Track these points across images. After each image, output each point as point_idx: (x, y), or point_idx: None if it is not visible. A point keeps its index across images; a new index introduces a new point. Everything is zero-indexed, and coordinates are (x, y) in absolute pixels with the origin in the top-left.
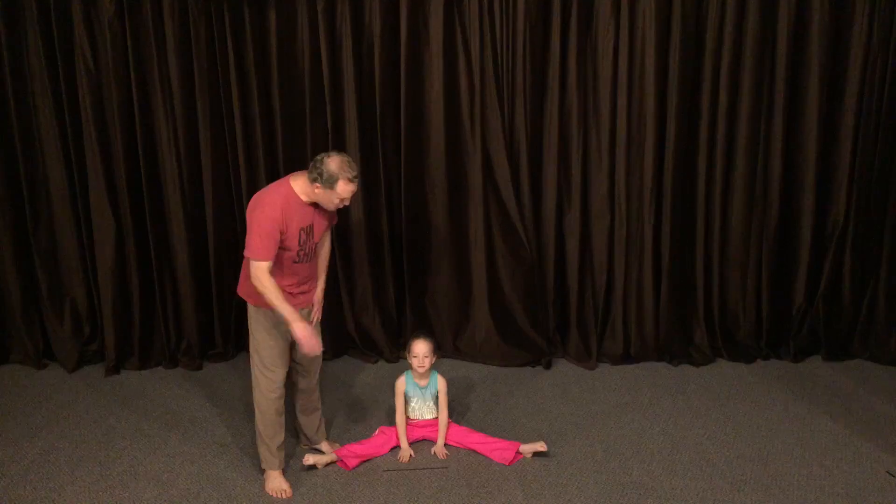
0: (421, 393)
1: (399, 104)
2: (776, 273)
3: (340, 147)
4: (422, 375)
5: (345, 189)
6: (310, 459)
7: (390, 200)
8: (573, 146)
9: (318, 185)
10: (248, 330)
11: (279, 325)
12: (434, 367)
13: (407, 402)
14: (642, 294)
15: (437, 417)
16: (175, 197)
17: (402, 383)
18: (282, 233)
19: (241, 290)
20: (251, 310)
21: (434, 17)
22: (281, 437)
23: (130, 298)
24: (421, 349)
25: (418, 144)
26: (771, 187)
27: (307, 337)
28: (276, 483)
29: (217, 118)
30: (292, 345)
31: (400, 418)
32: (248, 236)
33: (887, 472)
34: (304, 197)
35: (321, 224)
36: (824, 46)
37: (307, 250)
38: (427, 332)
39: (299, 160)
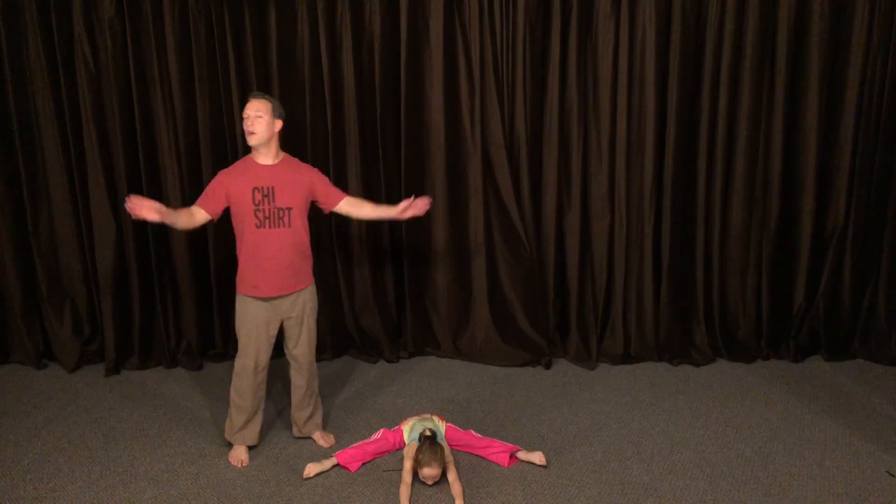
0: None
1: (399, 104)
2: (776, 273)
3: (340, 147)
4: None
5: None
6: (311, 471)
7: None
8: (573, 146)
9: None
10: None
11: (256, 313)
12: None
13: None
14: (642, 294)
15: None
16: (175, 197)
17: (409, 476)
18: (226, 188)
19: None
20: (237, 296)
21: (434, 17)
22: (243, 417)
23: (130, 298)
24: (429, 475)
25: (418, 144)
26: (771, 188)
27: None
28: (236, 453)
29: (217, 118)
30: (290, 339)
31: (405, 490)
32: None
33: (887, 472)
34: (261, 157)
35: (291, 192)
36: (824, 47)
37: (267, 213)
38: (438, 455)
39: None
